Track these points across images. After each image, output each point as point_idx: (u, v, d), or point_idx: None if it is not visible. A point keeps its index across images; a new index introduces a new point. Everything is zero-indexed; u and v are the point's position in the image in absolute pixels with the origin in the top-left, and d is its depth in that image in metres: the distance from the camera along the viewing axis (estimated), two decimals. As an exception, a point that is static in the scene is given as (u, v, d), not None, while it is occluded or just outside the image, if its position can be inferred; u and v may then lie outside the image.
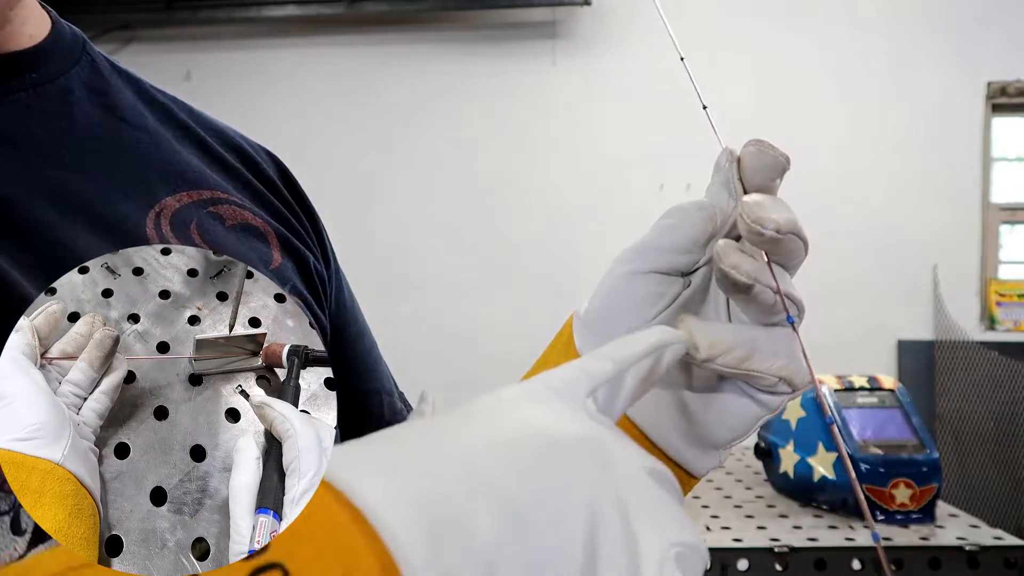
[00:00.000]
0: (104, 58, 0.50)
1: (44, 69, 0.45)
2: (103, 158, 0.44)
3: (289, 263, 0.49)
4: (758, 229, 0.36)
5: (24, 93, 0.44)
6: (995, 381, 3.48)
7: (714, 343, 0.37)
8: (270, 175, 0.54)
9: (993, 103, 3.57)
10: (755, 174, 0.39)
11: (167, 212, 0.44)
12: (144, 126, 0.48)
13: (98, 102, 0.47)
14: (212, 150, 0.51)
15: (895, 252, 3.54)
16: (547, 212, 3.63)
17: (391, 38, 3.75)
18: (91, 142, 0.44)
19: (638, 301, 0.41)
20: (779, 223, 0.36)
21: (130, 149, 0.46)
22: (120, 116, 0.47)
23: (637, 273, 0.41)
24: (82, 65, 0.48)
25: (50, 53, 0.46)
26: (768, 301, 0.37)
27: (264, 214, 0.50)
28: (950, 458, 3.43)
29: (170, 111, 0.51)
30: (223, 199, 0.48)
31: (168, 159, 0.47)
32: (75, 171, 0.42)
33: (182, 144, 0.50)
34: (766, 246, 0.37)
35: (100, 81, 0.48)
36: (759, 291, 0.37)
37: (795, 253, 0.38)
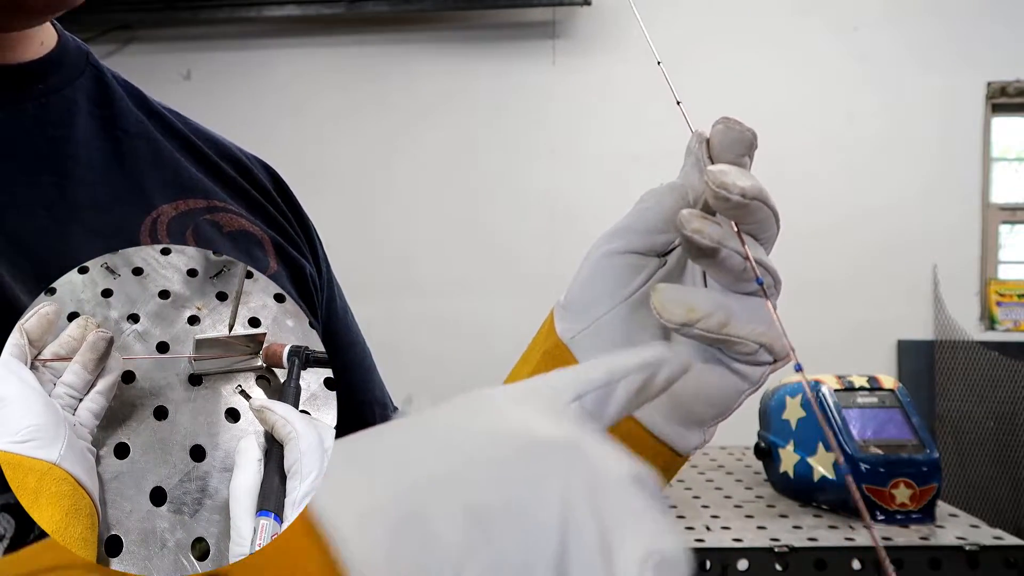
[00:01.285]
0: (106, 69, 0.51)
1: (51, 80, 0.46)
2: (101, 166, 0.45)
3: (284, 270, 0.49)
4: (724, 194, 0.36)
5: (31, 104, 0.45)
6: (995, 381, 3.48)
7: (692, 307, 0.37)
8: (265, 184, 0.54)
9: (993, 103, 3.57)
10: (724, 150, 0.39)
11: (164, 219, 0.45)
12: (143, 135, 0.49)
13: (99, 113, 0.48)
14: (209, 160, 0.52)
15: (895, 252, 3.54)
16: (546, 212, 3.63)
17: (391, 38, 3.75)
18: (90, 152, 0.45)
19: (615, 280, 0.41)
20: (744, 188, 0.36)
21: (128, 158, 0.47)
22: (120, 126, 0.48)
23: (613, 254, 0.41)
24: (86, 76, 0.49)
25: (57, 64, 0.47)
26: (736, 266, 0.37)
27: (260, 222, 0.51)
28: (950, 458, 3.43)
29: (168, 122, 0.52)
30: (219, 207, 0.48)
31: (166, 168, 0.48)
32: (73, 179, 0.43)
33: (180, 154, 0.50)
34: (733, 212, 0.37)
35: (102, 92, 0.49)
36: (726, 255, 0.37)
37: (765, 223, 0.38)
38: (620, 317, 0.41)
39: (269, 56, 3.77)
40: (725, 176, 0.36)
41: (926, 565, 1.34)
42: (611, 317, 0.41)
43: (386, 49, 3.74)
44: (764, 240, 0.39)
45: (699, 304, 0.37)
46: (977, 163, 3.58)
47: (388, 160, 3.71)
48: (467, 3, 3.61)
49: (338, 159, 3.68)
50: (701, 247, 0.37)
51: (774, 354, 0.39)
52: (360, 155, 3.70)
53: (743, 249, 0.37)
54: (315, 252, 0.56)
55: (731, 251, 0.37)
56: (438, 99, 3.70)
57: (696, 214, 0.37)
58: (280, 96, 3.72)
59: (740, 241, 0.37)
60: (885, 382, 1.68)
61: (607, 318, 0.42)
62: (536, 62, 3.68)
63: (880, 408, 1.61)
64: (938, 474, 1.50)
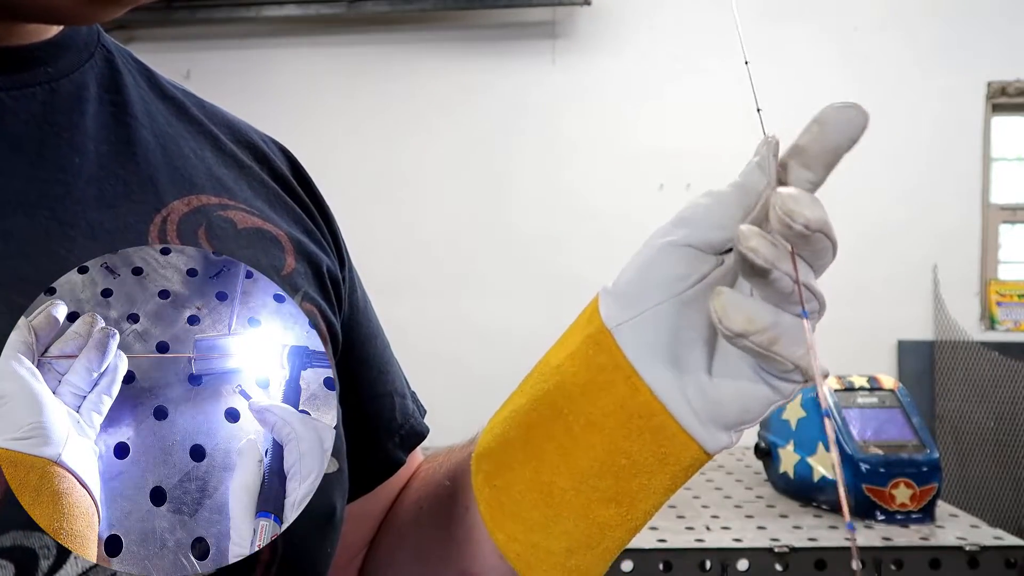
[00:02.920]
0: (117, 48, 0.49)
1: (60, 63, 0.44)
2: (109, 161, 0.43)
3: (302, 268, 0.48)
4: (788, 221, 0.36)
5: (38, 88, 0.42)
6: (995, 381, 3.48)
7: (752, 319, 0.37)
8: (284, 171, 0.53)
9: (993, 103, 3.57)
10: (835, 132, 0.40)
11: (174, 217, 0.43)
12: (154, 125, 0.47)
13: (109, 99, 0.45)
14: (225, 148, 0.50)
15: (895, 252, 3.54)
16: (546, 211, 3.63)
17: (391, 38, 3.75)
18: (99, 143, 0.43)
19: (670, 273, 0.41)
20: (809, 219, 0.36)
21: (138, 151, 0.45)
22: (130, 114, 0.46)
23: (673, 245, 0.41)
24: (96, 58, 0.46)
25: (67, 46, 0.45)
26: (786, 289, 0.37)
27: (276, 217, 0.49)
28: (950, 458, 3.43)
29: (183, 106, 0.50)
30: (232, 205, 0.46)
31: (178, 160, 0.46)
32: (79, 174, 0.41)
33: (195, 141, 0.48)
34: (794, 240, 0.37)
35: (113, 75, 0.47)
36: (777, 277, 0.37)
37: (822, 253, 0.38)
38: (670, 311, 0.41)
39: (269, 56, 3.77)
40: (793, 203, 0.36)
41: (926, 565, 1.34)
42: (661, 310, 0.41)
43: (386, 49, 3.74)
44: (818, 268, 0.39)
45: (759, 318, 0.37)
46: (977, 163, 3.58)
47: (388, 160, 3.71)
48: (467, 3, 3.61)
49: (338, 159, 3.68)
50: (755, 266, 0.37)
51: (807, 377, 0.39)
52: (360, 155, 3.70)
53: (795, 274, 0.37)
54: (336, 242, 0.54)
55: (783, 274, 0.37)
56: (438, 99, 3.70)
57: (755, 232, 0.37)
58: (280, 96, 3.72)
59: (793, 264, 0.37)
60: (885, 382, 1.68)
61: (656, 310, 0.41)
62: (536, 62, 3.68)
63: (880, 408, 1.61)
64: (938, 474, 1.50)
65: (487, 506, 0.46)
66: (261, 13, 3.64)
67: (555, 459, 0.43)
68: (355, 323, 0.54)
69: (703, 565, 1.33)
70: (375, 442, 0.55)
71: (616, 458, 0.42)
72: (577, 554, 0.44)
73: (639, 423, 0.41)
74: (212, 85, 3.66)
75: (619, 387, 0.42)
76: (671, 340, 0.41)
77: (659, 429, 0.41)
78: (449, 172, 3.70)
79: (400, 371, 0.59)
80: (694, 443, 0.41)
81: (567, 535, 0.43)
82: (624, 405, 0.41)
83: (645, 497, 0.43)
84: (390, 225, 3.68)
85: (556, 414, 0.43)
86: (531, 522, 0.44)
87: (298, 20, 3.70)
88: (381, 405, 0.55)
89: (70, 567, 0.33)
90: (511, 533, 0.45)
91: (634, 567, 1.32)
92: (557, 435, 0.43)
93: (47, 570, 0.32)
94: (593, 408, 0.42)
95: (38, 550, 0.33)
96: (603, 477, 0.42)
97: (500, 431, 0.46)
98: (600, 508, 0.43)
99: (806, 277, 0.38)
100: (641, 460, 0.42)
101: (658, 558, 1.33)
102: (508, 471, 0.45)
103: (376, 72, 3.72)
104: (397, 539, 0.56)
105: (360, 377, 0.54)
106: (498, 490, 0.45)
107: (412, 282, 3.65)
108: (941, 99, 3.55)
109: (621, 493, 0.43)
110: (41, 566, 0.32)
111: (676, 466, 0.42)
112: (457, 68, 3.70)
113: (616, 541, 0.44)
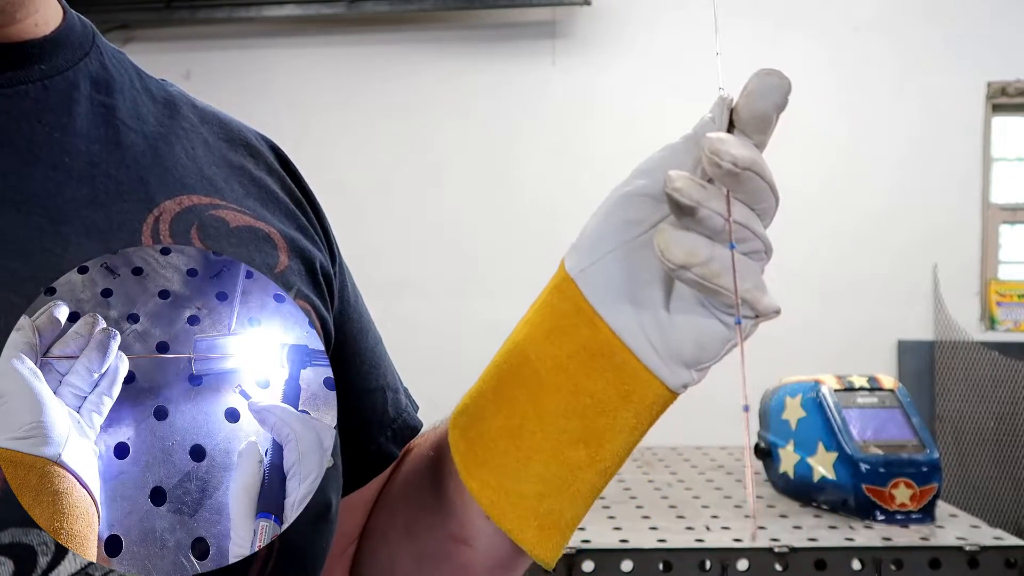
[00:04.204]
0: (111, 50, 0.49)
1: (53, 61, 0.44)
2: (101, 160, 0.43)
3: (296, 265, 0.48)
4: (715, 160, 0.38)
5: (31, 85, 0.42)
6: (995, 381, 3.48)
7: (692, 252, 0.39)
8: (276, 168, 0.53)
9: (993, 103, 3.57)
10: (759, 98, 0.41)
11: (166, 216, 0.43)
12: (146, 126, 0.47)
13: (101, 100, 0.45)
14: (217, 147, 0.50)
15: (895, 252, 3.54)
16: (547, 211, 3.63)
17: (391, 38, 3.75)
18: (90, 143, 0.43)
19: (626, 220, 0.43)
20: (736, 157, 0.38)
21: (130, 151, 0.45)
22: (122, 115, 0.46)
23: (629, 195, 0.44)
24: (91, 57, 0.47)
25: (61, 44, 0.45)
26: (715, 226, 0.39)
27: (269, 215, 0.49)
28: (950, 458, 3.43)
29: (175, 106, 0.50)
30: (223, 205, 0.46)
31: (168, 162, 0.46)
32: (70, 173, 0.41)
33: (187, 142, 0.48)
34: (725, 180, 0.39)
35: (106, 75, 0.47)
36: (706, 215, 0.39)
37: (758, 193, 0.40)
38: (625, 255, 0.43)
39: (269, 56, 3.77)
40: (720, 144, 0.38)
41: (926, 565, 1.34)
42: (617, 254, 0.43)
43: (386, 49, 3.74)
44: (760, 211, 0.41)
45: (699, 250, 0.39)
46: (977, 163, 3.58)
47: (388, 160, 3.71)
48: (467, 3, 3.61)
49: (338, 159, 3.68)
50: (680, 205, 0.39)
51: (757, 311, 0.41)
52: (359, 155, 3.71)
53: (725, 210, 0.39)
54: (327, 237, 0.54)
55: (712, 212, 0.39)
56: (438, 99, 3.70)
57: (681, 175, 0.39)
58: (280, 96, 3.72)
59: (728, 204, 0.39)
60: (885, 382, 1.68)
61: (615, 254, 0.43)
62: (536, 62, 3.68)
63: (880, 408, 1.61)
64: (938, 474, 1.50)
65: (461, 457, 0.47)
66: (261, 13, 3.64)
67: (524, 404, 0.45)
68: (346, 318, 0.54)
69: (703, 565, 1.33)
70: (368, 436, 0.55)
71: (581, 398, 0.44)
72: (549, 498, 0.45)
73: (601, 362, 0.43)
74: (212, 85, 3.66)
75: (581, 329, 0.44)
76: (629, 282, 0.43)
77: (621, 367, 0.43)
78: (450, 172, 3.70)
79: (392, 366, 0.59)
80: (655, 379, 0.43)
81: (538, 478, 0.45)
82: (586, 346, 0.43)
83: (612, 437, 0.44)
84: (392, 224, 3.68)
85: (524, 361, 0.45)
86: (503, 467, 0.45)
87: (298, 20, 3.70)
88: (373, 400, 0.56)
89: (68, 564, 0.33)
90: (484, 480, 0.46)
91: (634, 567, 1.32)
92: (526, 381, 0.45)
93: (45, 567, 0.33)
94: (558, 352, 0.44)
95: (36, 547, 0.33)
96: (569, 418, 0.44)
97: (475, 388, 0.48)
98: (569, 449, 0.44)
99: (748, 220, 0.40)
100: (605, 399, 0.43)
101: (658, 558, 1.33)
102: (480, 421, 0.47)
103: (376, 72, 3.72)
104: (388, 516, 0.56)
105: (352, 372, 0.54)
106: (471, 441, 0.47)
107: (414, 281, 3.65)
108: (941, 99, 3.55)
109: (588, 433, 0.44)
110: (40, 563, 0.33)
111: (640, 403, 0.43)
112: (457, 68, 3.70)
113: (587, 484, 0.45)
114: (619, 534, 1.40)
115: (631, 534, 1.39)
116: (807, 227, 3.52)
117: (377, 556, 0.56)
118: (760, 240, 0.40)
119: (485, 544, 0.48)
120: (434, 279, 3.67)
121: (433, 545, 0.51)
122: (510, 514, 0.45)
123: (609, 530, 1.43)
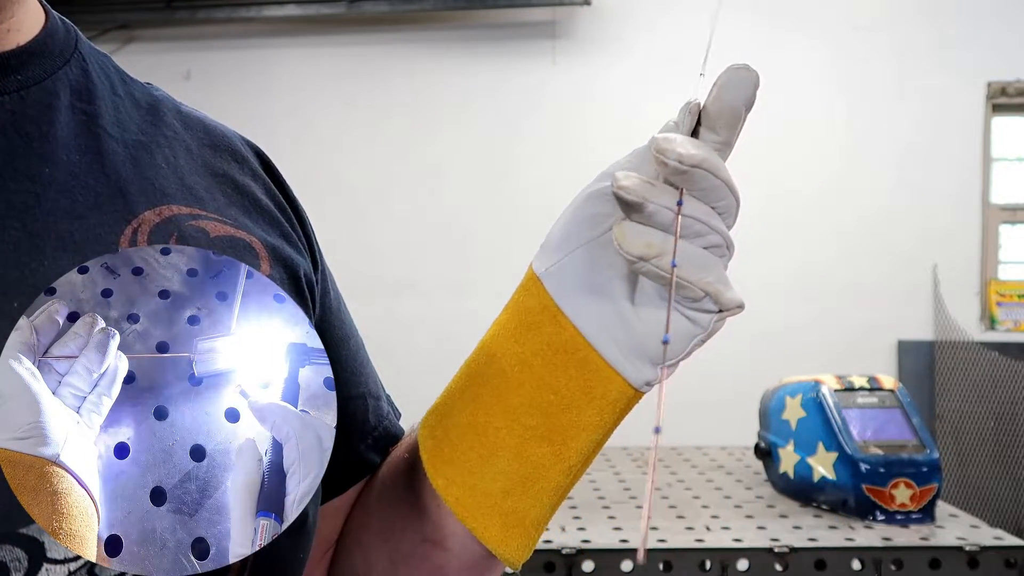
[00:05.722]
0: (95, 55, 0.49)
1: (32, 70, 0.44)
2: (79, 170, 0.43)
3: (277, 273, 0.48)
4: (661, 159, 0.38)
5: (8, 97, 0.42)
6: (995, 381, 3.48)
7: (650, 244, 0.39)
8: (260, 172, 0.53)
9: (993, 103, 3.57)
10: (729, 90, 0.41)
11: (145, 228, 0.43)
12: (128, 133, 0.46)
13: (82, 108, 0.45)
14: (199, 155, 0.50)
15: (895, 252, 3.54)
16: (547, 211, 3.61)
17: (391, 38, 3.75)
18: (70, 152, 0.43)
19: (590, 219, 0.44)
20: (682, 155, 0.38)
21: (108, 161, 0.44)
22: (104, 122, 0.45)
23: (593, 195, 0.44)
24: (71, 65, 0.46)
25: (40, 53, 0.44)
26: (664, 220, 0.39)
27: (251, 224, 0.49)
28: (950, 458, 3.43)
29: (159, 113, 0.50)
30: (203, 215, 0.46)
31: (149, 172, 0.46)
32: (49, 184, 0.41)
33: (169, 150, 0.48)
34: (674, 178, 0.39)
35: (87, 82, 0.46)
36: (653, 210, 0.39)
37: (713, 192, 0.40)
38: (588, 253, 0.43)
39: (269, 56, 3.76)
40: (666, 143, 0.39)
41: (926, 565, 1.34)
42: (580, 253, 0.44)
43: (386, 49, 3.74)
44: (720, 209, 0.41)
45: (657, 242, 0.39)
46: (977, 163, 3.58)
47: (388, 160, 3.71)
48: (467, 3, 3.61)
49: (337, 159, 3.68)
50: (626, 201, 0.39)
51: (720, 304, 0.41)
52: (359, 155, 3.70)
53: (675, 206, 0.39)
54: (310, 244, 0.54)
55: (660, 206, 0.39)
56: (438, 99, 3.70)
57: (628, 174, 0.39)
58: (280, 96, 3.71)
59: (679, 200, 0.39)
60: (885, 382, 1.68)
61: (576, 253, 0.44)
62: (536, 62, 3.68)
63: (880, 408, 1.61)
64: (938, 474, 1.50)
65: (428, 455, 0.47)
66: (261, 13, 3.64)
67: (489, 401, 0.45)
68: (328, 325, 0.54)
69: (703, 565, 1.33)
70: (347, 444, 0.54)
71: (545, 394, 0.44)
72: (513, 495, 0.45)
73: (564, 358, 0.44)
74: (212, 85, 3.66)
75: (546, 327, 0.44)
76: (593, 278, 0.43)
77: (583, 363, 0.43)
78: (450, 171, 3.70)
79: (374, 373, 0.59)
80: (618, 376, 0.43)
81: (503, 475, 0.45)
82: (551, 343, 0.44)
83: (575, 434, 0.44)
84: (392, 224, 3.68)
85: (490, 359, 0.46)
86: (468, 464, 0.46)
87: (298, 20, 3.70)
88: (354, 407, 0.55)
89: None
90: (449, 477, 0.46)
91: (634, 567, 1.32)
92: (491, 379, 0.45)
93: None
94: (523, 349, 0.45)
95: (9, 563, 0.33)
96: (533, 414, 0.44)
97: (446, 388, 0.49)
98: (533, 446, 0.44)
99: (706, 216, 0.40)
100: (568, 395, 0.44)
101: (658, 558, 1.33)
102: (447, 419, 0.47)
103: (376, 72, 3.72)
104: (363, 519, 0.56)
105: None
106: (438, 439, 0.47)
107: (414, 281, 3.65)
108: (941, 99, 3.55)
109: (552, 430, 0.44)
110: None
111: (603, 400, 0.44)
112: (457, 68, 3.70)
113: (551, 482, 0.45)
114: (619, 534, 1.40)
115: (631, 534, 1.39)
116: (807, 227, 3.52)
117: (353, 559, 0.55)
118: (720, 235, 0.40)
119: (458, 546, 0.48)
120: (434, 279, 3.67)
121: (407, 547, 0.51)
122: (474, 511, 0.45)
123: (609, 530, 1.43)
